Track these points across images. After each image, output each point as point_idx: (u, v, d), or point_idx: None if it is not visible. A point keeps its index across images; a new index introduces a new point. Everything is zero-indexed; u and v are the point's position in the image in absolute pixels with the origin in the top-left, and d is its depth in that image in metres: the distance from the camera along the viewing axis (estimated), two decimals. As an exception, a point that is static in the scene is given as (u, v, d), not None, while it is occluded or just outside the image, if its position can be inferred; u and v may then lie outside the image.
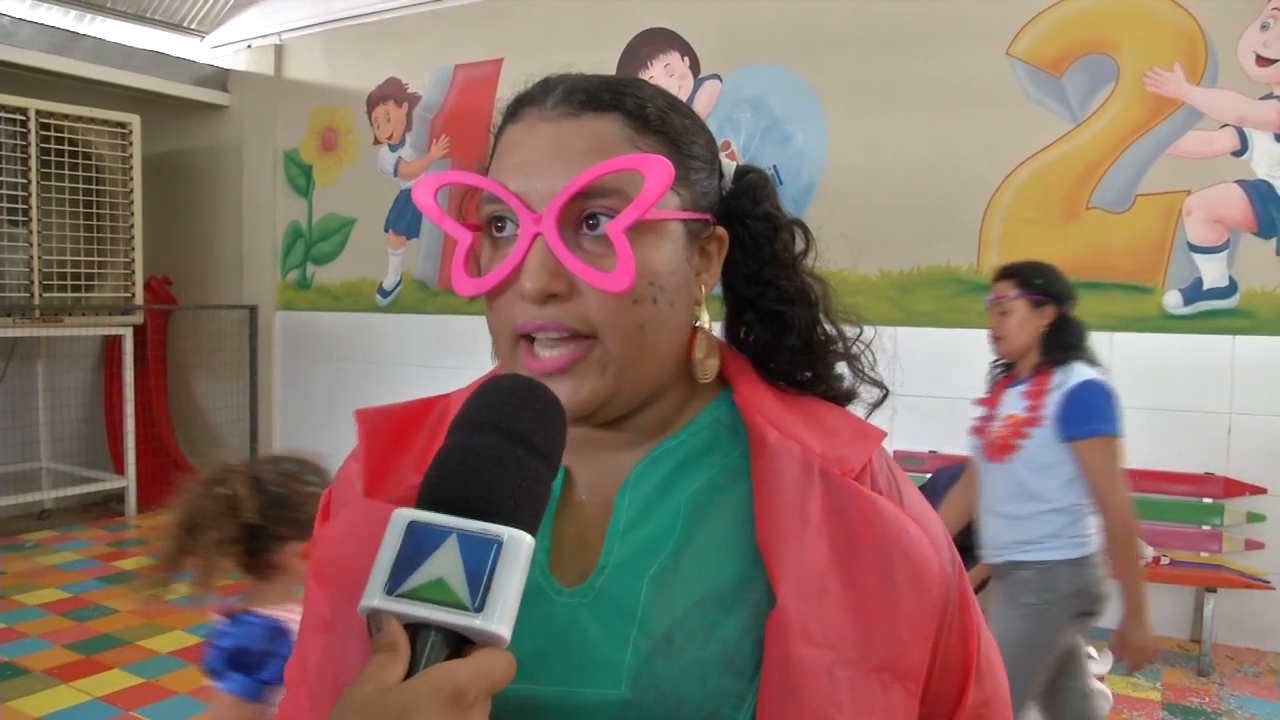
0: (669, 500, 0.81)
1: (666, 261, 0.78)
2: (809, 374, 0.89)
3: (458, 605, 0.59)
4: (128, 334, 6.93)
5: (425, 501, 0.62)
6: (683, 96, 5.90)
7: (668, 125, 0.80)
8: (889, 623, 0.75)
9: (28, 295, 6.42)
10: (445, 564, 0.59)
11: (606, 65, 6.12)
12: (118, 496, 7.21)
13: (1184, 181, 4.71)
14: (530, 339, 0.78)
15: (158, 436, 7.74)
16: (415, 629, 0.59)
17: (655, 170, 0.74)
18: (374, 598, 0.59)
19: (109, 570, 5.71)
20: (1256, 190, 4.59)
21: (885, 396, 0.92)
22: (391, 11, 7.14)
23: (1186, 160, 4.70)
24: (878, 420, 0.89)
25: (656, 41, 6.10)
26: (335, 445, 5.66)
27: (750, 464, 0.82)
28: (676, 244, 0.79)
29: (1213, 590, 4.45)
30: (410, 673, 0.57)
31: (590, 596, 0.78)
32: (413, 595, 0.59)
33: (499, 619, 0.59)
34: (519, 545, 0.61)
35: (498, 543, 0.60)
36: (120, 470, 7.22)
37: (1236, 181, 4.62)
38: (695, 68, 5.98)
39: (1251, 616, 4.65)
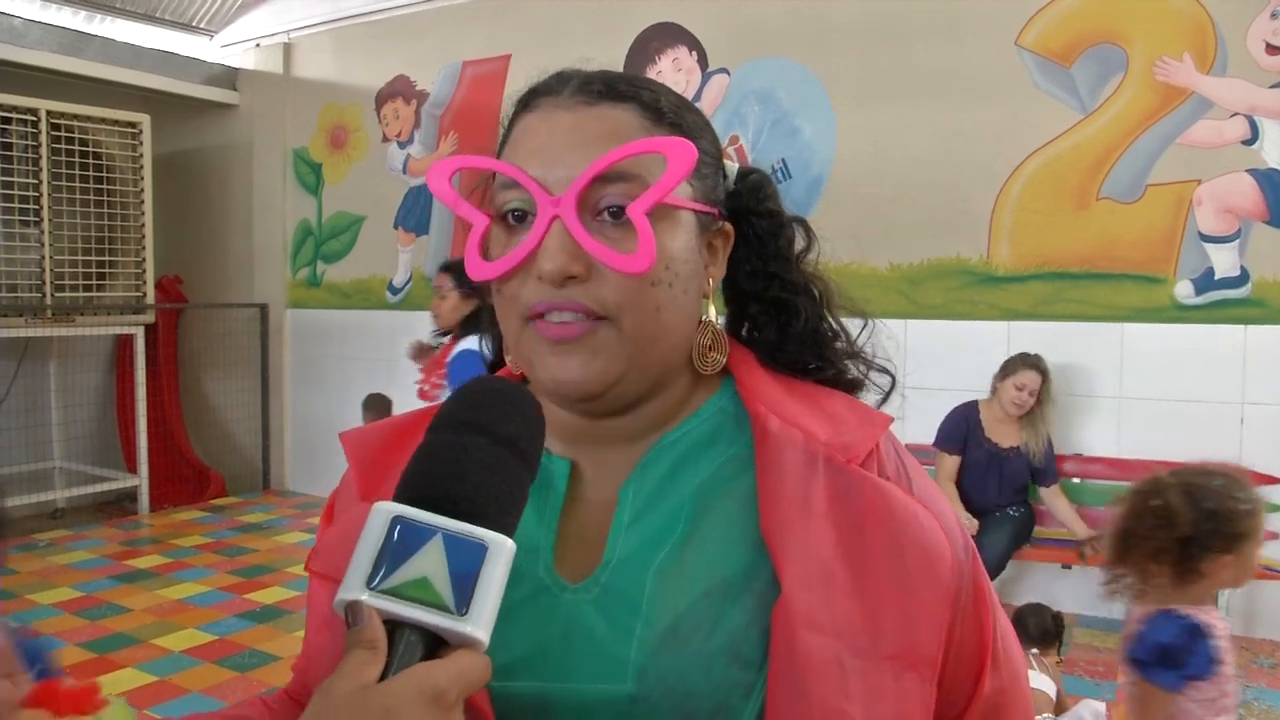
0: (673, 492, 0.81)
1: (681, 249, 0.79)
2: (817, 362, 0.89)
3: (440, 606, 0.58)
4: (139, 333, 6.96)
5: (409, 497, 0.62)
6: (690, 91, 5.92)
7: (681, 119, 0.82)
8: (900, 609, 0.75)
9: (39, 295, 6.44)
10: (429, 563, 0.59)
11: (614, 59, 6.13)
12: (130, 495, 7.24)
13: (1194, 171, 4.68)
14: (540, 316, 0.78)
15: (170, 435, 7.78)
16: (392, 626, 0.58)
17: (678, 152, 0.75)
18: (354, 590, 0.58)
19: (122, 569, 5.73)
20: (1267, 179, 4.56)
21: (894, 386, 0.92)
22: (399, 9, 7.14)
23: (1197, 150, 4.67)
24: (888, 412, 0.89)
25: (664, 36, 6.10)
26: (345, 442, 5.57)
27: (754, 453, 0.82)
28: (690, 233, 0.80)
29: (1227, 581, 4.43)
30: (385, 670, 0.57)
31: (594, 592, 0.78)
32: (394, 592, 0.58)
33: (481, 623, 0.59)
34: (502, 550, 0.60)
35: (483, 546, 0.60)
36: (132, 469, 7.25)
37: (1247, 170, 4.59)
38: (703, 62, 5.97)
39: (1267, 608, 4.63)
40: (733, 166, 0.90)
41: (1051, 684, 3.56)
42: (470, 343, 3.54)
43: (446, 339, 3.80)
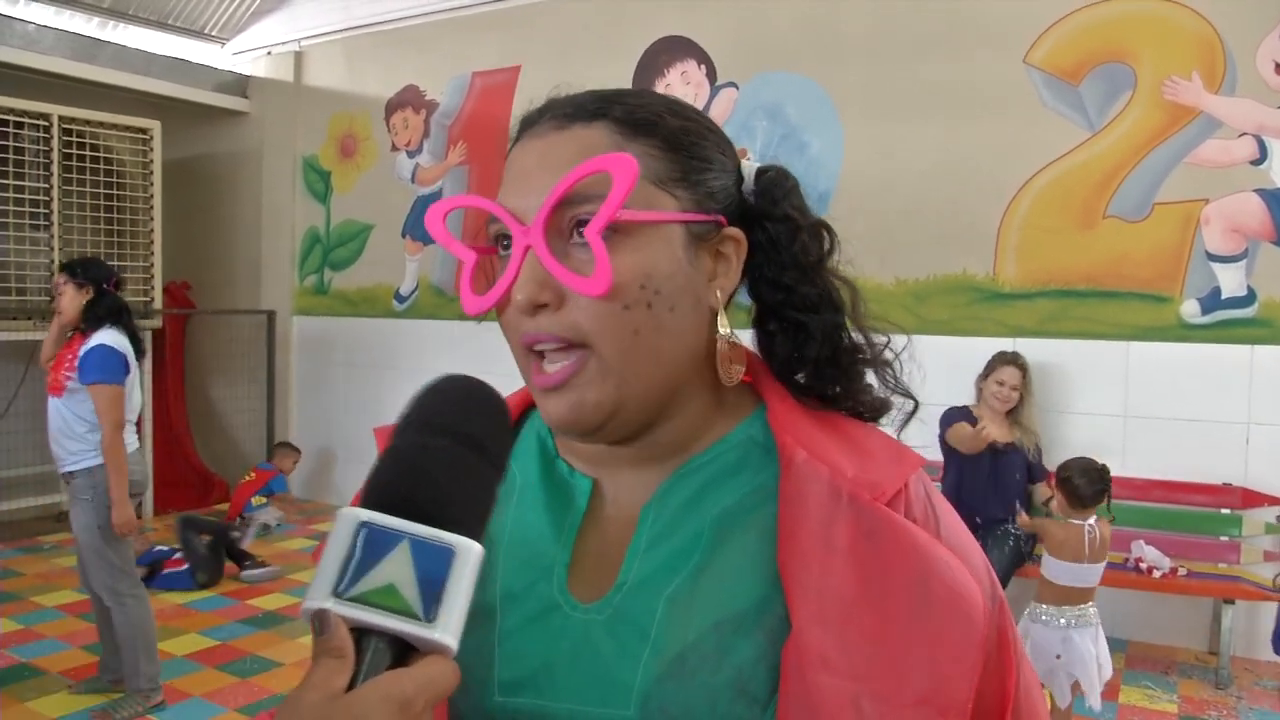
0: (694, 518, 0.80)
1: (661, 264, 0.76)
2: (837, 389, 0.86)
3: (408, 613, 0.57)
4: (146, 338, 6.95)
5: (374, 501, 0.60)
6: (699, 104, 5.93)
7: (661, 127, 0.79)
8: (928, 654, 0.72)
9: (48, 299, 6.45)
10: (396, 570, 0.58)
11: (623, 73, 6.15)
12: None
13: (1202, 190, 4.69)
14: (541, 355, 0.77)
15: (175, 440, 7.78)
16: (359, 633, 0.57)
17: (619, 168, 0.73)
18: (321, 598, 0.57)
19: (126, 573, 5.73)
20: (1275, 199, 4.56)
21: (916, 408, 0.89)
22: (410, 19, 7.18)
23: (1204, 169, 4.68)
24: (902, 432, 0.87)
25: (673, 49, 6.11)
26: (351, 450, 5.68)
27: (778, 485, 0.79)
28: (674, 246, 0.77)
29: (1231, 602, 4.42)
30: (353, 679, 0.56)
31: (606, 614, 0.78)
32: (361, 599, 0.57)
33: (449, 630, 0.58)
34: (470, 555, 0.59)
35: (451, 551, 0.59)
36: (138, 473, 7.25)
37: (1255, 190, 4.59)
38: (712, 75, 5.99)
39: (1270, 629, 4.61)
40: (750, 167, 0.87)
41: (1100, 571, 3.59)
42: (105, 337, 3.78)
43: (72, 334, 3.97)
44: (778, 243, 0.85)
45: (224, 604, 5.23)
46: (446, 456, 0.63)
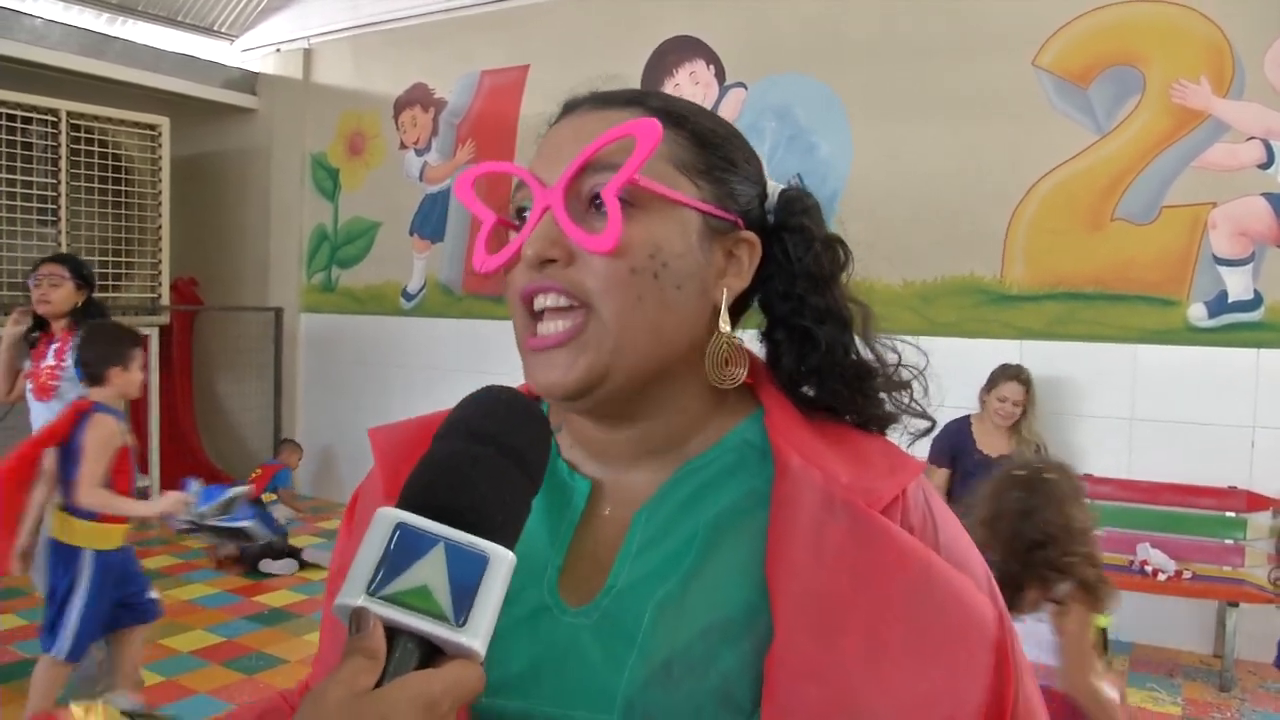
0: (687, 522, 0.80)
1: (673, 242, 0.77)
2: (840, 400, 0.86)
3: (439, 616, 0.58)
4: (154, 334, 6.96)
5: (413, 504, 0.61)
6: (707, 104, 5.92)
7: (692, 123, 0.81)
8: (935, 659, 0.72)
9: (56, 294, 6.47)
10: (430, 572, 0.59)
11: (632, 72, 6.15)
12: (141, 495, 7.24)
13: (1209, 194, 4.68)
14: (537, 317, 0.78)
15: (182, 436, 7.79)
16: (390, 633, 0.58)
17: (643, 131, 0.75)
18: (355, 595, 0.58)
19: (132, 568, 5.74)
20: (1283, 203, 4.56)
21: (931, 428, 0.89)
22: (419, 17, 7.19)
23: (1212, 172, 4.67)
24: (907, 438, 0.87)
25: (682, 49, 6.11)
26: (357, 447, 5.70)
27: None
28: (688, 231, 0.79)
29: (1235, 605, 4.41)
30: (380, 678, 0.56)
31: (594, 618, 0.77)
32: (394, 599, 0.58)
33: (478, 635, 0.58)
34: (503, 563, 0.60)
35: (485, 558, 0.60)
36: (144, 470, 7.24)
37: (1262, 194, 4.59)
38: (720, 76, 5.99)
39: (1274, 631, 4.60)
40: (776, 186, 0.89)
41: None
42: None
43: (42, 330, 3.95)
44: (791, 254, 0.86)
45: (230, 600, 5.24)
46: (487, 465, 0.64)
